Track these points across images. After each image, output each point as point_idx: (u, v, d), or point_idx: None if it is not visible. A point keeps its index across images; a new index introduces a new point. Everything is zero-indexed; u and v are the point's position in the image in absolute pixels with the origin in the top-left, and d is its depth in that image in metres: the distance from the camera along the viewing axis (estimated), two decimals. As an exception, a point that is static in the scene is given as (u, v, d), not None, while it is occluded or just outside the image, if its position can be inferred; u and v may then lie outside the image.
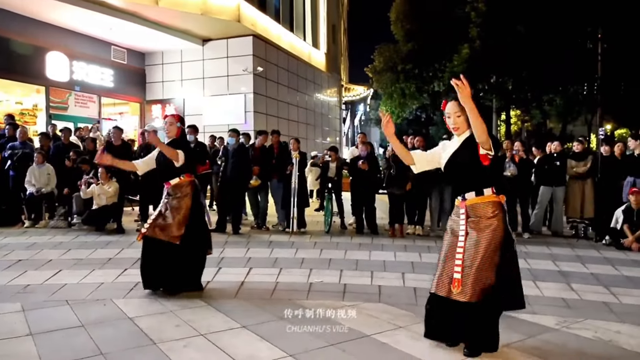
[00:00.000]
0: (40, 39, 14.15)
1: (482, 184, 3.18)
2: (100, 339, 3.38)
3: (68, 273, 5.32)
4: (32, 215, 8.65)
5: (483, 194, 3.16)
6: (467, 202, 3.20)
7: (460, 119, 3.19)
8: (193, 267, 4.65)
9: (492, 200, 3.15)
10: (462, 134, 3.24)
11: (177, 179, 4.61)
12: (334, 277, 5.28)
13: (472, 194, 3.18)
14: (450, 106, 3.23)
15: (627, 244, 7.22)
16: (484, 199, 3.16)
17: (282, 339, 3.45)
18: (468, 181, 3.22)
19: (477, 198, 3.17)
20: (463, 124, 3.20)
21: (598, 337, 3.60)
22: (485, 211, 3.15)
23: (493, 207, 3.14)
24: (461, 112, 3.15)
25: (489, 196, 3.16)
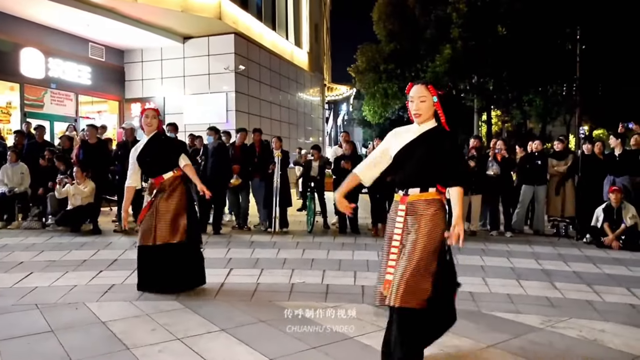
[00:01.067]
0: (15, 35, 13.76)
1: (430, 181, 2.87)
2: (70, 345, 3.22)
3: (39, 275, 5.11)
4: (5, 216, 8.37)
5: (427, 191, 2.87)
6: (409, 198, 2.88)
7: (424, 105, 2.85)
8: (198, 261, 4.65)
9: (435, 198, 2.87)
10: (423, 122, 2.91)
11: (171, 172, 4.54)
12: (317, 278, 5.18)
13: (416, 190, 2.88)
14: (415, 89, 2.89)
15: (607, 242, 7.25)
16: (427, 196, 2.86)
17: (262, 342, 3.33)
18: (416, 176, 2.89)
19: (420, 195, 2.87)
20: (426, 112, 2.86)
21: (583, 337, 3.56)
22: (426, 209, 2.84)
23: (435, 206, 2.85)
24: (426, 98, 2.85)
25: (432, 193, 2.87)
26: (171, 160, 4.58)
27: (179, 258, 4.45)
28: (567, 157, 8.58)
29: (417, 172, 2.88)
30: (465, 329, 3.56)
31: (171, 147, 4.69)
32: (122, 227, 5.88)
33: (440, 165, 2.85)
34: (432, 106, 2.87)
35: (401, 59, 24.15)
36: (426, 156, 2.85)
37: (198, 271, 4.63)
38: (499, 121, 32.59)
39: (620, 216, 7.33)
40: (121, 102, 18.07)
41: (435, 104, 2.87)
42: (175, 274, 4.44)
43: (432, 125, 2.91)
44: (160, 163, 4.54)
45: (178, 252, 4.44)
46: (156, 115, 4.62)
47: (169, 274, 4.42)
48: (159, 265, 4.41)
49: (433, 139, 2.86)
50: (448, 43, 21.85)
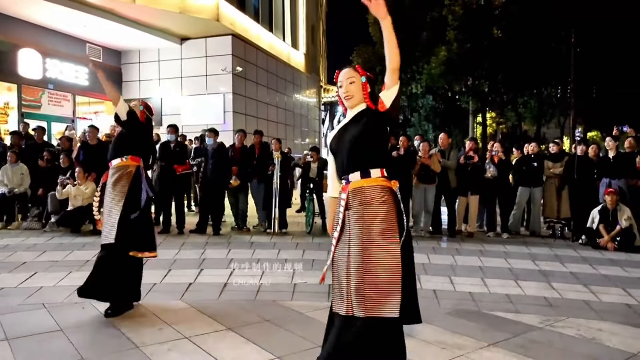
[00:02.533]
0: (12, 36, 13.76)
1: (369, 161, 2.58)
2: (80, 344, 3.28)
3: (43, 275, 5.15)
4: (4, 217, 8.38)
5: (370, 176, 2.56)
6: (350, 185, 2.58)
7: (353, 86, 2.66)
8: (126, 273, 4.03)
9: (382, 185, 2.55)
10: (355, 106, 2.70)
11: (120, 159, 4.08)
12: (318, 278, 5.22)
13: (356, 175, 2.58)
14: (344, 73, 2.72)
15: (602, 243, 7.36)
16: (371, 181, 2.55)
17: (268, 340, 3.39)
18: (353, 159, 2.59)
19: (362, 180, 2.56)
20: (357, 92, 2.66)
21: (581, 335, 3.64)
22: (371, 196, 2.53)
23: (382, 191, 2.54)
24: (355, 78, 2.67)
25: (377, 178, 2.56)
26: (122, 146, 4.14)
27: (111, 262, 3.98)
28: (563, 159, 8.70)
29: (351, 154, 2.60)
30: (466, 328, 3.65)
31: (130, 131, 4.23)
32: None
33: (375, 144, 2.62)
34: (360, 87, 2.67)
35: (397, 60, 24.27)
36: (357, 135, 2.60)
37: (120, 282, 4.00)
38: (493, 123, 32.81)
39: (615, 218, 7.43)
40: (118, 103, 18.06)
41: (363, 84, 2.67)
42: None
43: (364, 107, 2.69)
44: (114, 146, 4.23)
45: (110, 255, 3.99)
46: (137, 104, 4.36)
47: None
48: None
49: (364, 118, 2.64)
50: (443, 45, 22.05)
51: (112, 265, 3.95)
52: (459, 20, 21.74)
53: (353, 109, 2.70)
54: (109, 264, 3.97)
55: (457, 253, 6.78)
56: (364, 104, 2.69)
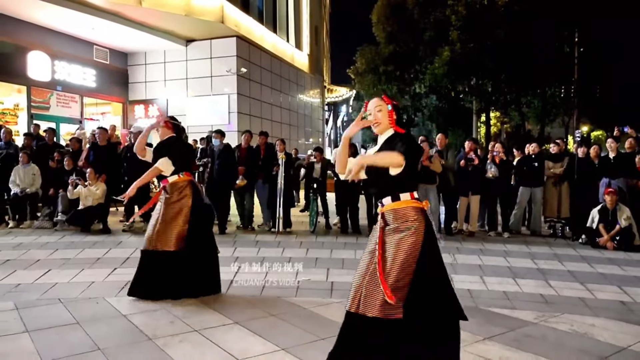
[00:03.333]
0: (22, 38, 14.00)
1: (398, 187, 2.86)
2: (96, 336, 3.46)
3: (57, 272, 5.35)
4: (17, 216, 8.60)
5: (399, 199, 2.85)
6: (384, 208, 2.89)
7: (380, 114, 2.94)
8: (205, 272, 4.52)
9: (410, 207, 2.83)
10: (383, 132, 2.97)
11: (176, 176, 4.49)
12: (321, 276, 5.41)
13: (388, 199, 2.88)
14: (372, 103, 3.01)
15: (602, 242, 7.48)
16: (400, 204, 2.84)
17: (274, 334, 3.57)
18: (382, 185, 2.90)
19: (393, 204, 2.86)
20: (384, 118, 2.93)
21: (574, 330, 3.80)
22: (405, 216, 2.81)
23: (414, 212, 2.81)
24: (382, 107, 2.94)
25: (406, 202, 2.84)
26: (177, 164, 4.48)
27: (171, 267, 4.32)
28: (563, 159, 8.83)
29: (381, 180, 2.89)
30: (462, 322, 3.79)
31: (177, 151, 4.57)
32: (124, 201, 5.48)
33: (404, 170, 2.80)
34: (387, 114, 2.96)
35: (400, 60, 24.38)
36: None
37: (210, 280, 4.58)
38: (497, 122, 32.86)
39: (615, 217, 7.55)
40: (125, 104, 18.32)
41: (389, 111, 2.96)
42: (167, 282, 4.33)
43: (391, 133, 2.96)
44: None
45: (171, 260, 4.33)
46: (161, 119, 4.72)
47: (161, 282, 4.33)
48: (154, 271, 4.35)
49: (392, 144, 2.86)
50: (447, 45, 22.09)
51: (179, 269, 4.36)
52: (462, 21, 21.79)
53: (382, 135, 2.98)
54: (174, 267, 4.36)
55: (457, 252, 6.93)
56: (391, 130, 2.96)
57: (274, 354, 3.25)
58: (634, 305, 4.51)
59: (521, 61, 21.43)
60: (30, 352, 3.18)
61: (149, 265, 4.37)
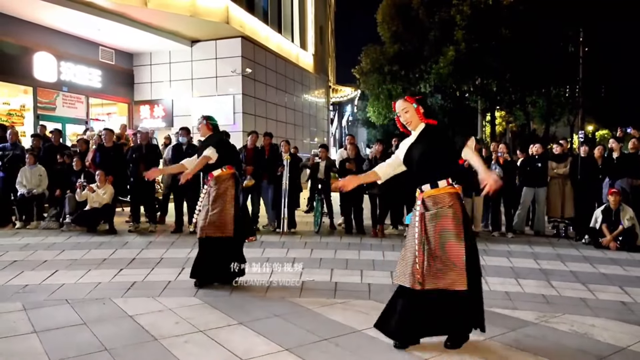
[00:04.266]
0: (28, 40, 14.11)
1: (436, 175, 3.26)
2: (103, 336, 3.53)
3: (64, 273, 5.43)
4: (24, 217, 8.70)
5: (438, 187, 3.25)
6: (423, 194, 3.28)
7: (408, 114, 3.33)
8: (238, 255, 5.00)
9: (448, 192, 3.24)
10: (416, 127, 3.37)
11: (220, 170, 4.92)
12: (325, 276, 5.47)
13: (427, 186, 3.27)
14: (397, 105, 3.38)
15: (605, 243, 7.50)
16: (439, 191, 3.24)
17: (277, 334, 3.62)
18: (422, 174, 3.31)
19: (432, 190, 3.25)
20: (413, 117, 3.33)
21: (574, 331, 3.83)
22: (442, 201, 3.22)
23: (449, 197, 3.22)
24: (408, 108, 3.32)
25: (444, 188, 3.24)
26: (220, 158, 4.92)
27: (222, 251, 4.84)
28: (566, 159, 8.84)
29: (421, 169, 3.30)
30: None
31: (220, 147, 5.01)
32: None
33: (440, 159, 3.26)
34: (414, 112, 3.32)
35: (405, 60, 24.42)
36: (424, 154, 3.27)
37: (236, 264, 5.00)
38: (503, 122, 32.82)
39: (618, 218, 7.57)
40: (130, 105, 18.41)
41: (415, 109, 3.33)
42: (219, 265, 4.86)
43: (423, 126, 3.35)
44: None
45: (222, 246, 4.84)
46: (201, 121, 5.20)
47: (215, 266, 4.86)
48: (209, 256, 4.85)
49: (426, 137, 3.30)
50: (452, 45, 22.11)
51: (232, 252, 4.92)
52: (467, 20, 21.80)
53: (415, 130, 3.36)
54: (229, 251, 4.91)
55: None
56: (423, 124, 3.33)
57: (278, 354, 3.31)
58: (634, 306, 4.54)
59: (526, 61, 21.41)
60: (39, 352, 3.26)
61: (206, 251, 4.88)
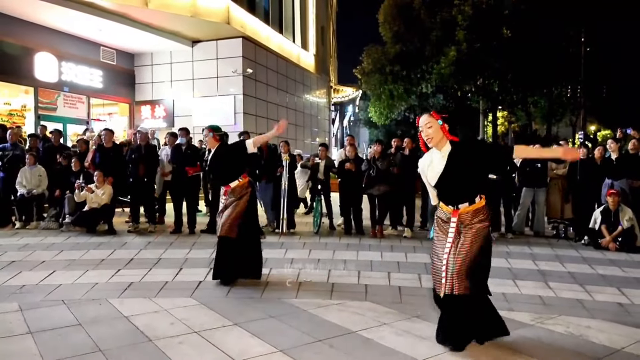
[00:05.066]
0: (29, 40, 14.16)
1: (475, 193, 3.35)
2: (98, 337, 3.54)
3: (62, 274, 5.44)
4: (23, 217, 8.72)
5: (475, 203, 3.34)
6: (460, 211, 3.35)
7: (431, 130, 3.31)
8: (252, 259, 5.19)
9: (481, 206, 3.35)
10: (442, 147, 3.35)
11: (237, 181, 5.08)
12: (323, 277, 5.46)
13: (465, 204, 3.34)
14: (422, 120, 3.38)
15: (604, 243, 7.48)
16: (475, 206, 3.33)
17: (272, 335, 3.62)
18: (462, 193, 3.35)
19: (469, 207, 3.33)
20: (435, 134, 3.31)
21: (569, 332, 3.82)
22: (474, 217, 3.33)
23: (482, 213, 3.34)
24: (431, 124, 3.31)
25: (479, 203, 3.35)
26: (234, 172, 5.11)
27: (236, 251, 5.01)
28: (566, 160, 8.80)
29: (461, 191, 3.35)
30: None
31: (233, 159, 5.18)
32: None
33: (477, 178, 3.36)
34: (438, 129, 3.31)
35: (407, 60, 24.38)
36: (463, 176, 3.31)
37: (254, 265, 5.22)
38: (505, 122, 32.75)
39: (617, 218, 7.54)
40: (131, 105, 18.46)
41: (441, 126, 3.33)
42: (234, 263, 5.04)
43: (450, 148, 3.34)
44: (225, 174, 5.16)
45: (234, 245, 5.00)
46: (207, 133, 5.21)
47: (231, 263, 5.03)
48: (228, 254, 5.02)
49: (459, 157, 3.31)
50: (453, 45, 22.06)
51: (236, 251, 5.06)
52: (469, 20, 21.76)
53: (441, 149, 3.35)
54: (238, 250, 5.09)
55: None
56: (447, 143, 3.34)
57: (272, 355, 3.31)
58: (631, 307, 4.52)
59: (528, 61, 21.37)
60: (33, 353, 3.26)
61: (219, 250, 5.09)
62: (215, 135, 5.22)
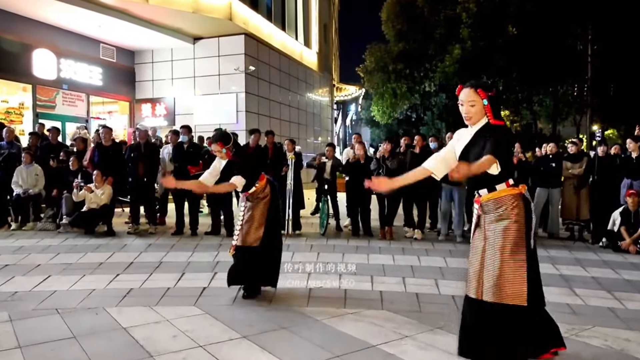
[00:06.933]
0: (27, 36, 13.83)
1: (494, 179, 2.89)
2: (93, 352, 3.22)
3: (57, 279, 5.12)
4: (19, 218, 8.41)
5: (495, 190, 2.90)
6: (481, 198, 2.97)
7: (473, 109, 2.89)
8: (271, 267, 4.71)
9: (506, 195, 2.88)
10: (475, 123, 2.95)
11: (253, 187, 4.61)
12: (334, 282, 5.14)
13: (484, 191, 2.94)
14: (465, 93, 2.92)
15: (624, 246, 7.18)
16: (497, 194, 2.89)
17: (285, 349, 3.31)
18: (478, 178, 2.89)
19: (489, 195, 2.92)
20: (477, 114, 2.91)
21: (609, 346, 3.51)
22: (497, 209, 2.89)
23: (512, 199, 2.86)
24: (475, 102, 2.88)
25: (502, 191, 2.88)
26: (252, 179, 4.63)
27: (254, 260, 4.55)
28: (582, 159, 8.50)
29: (477, 175, 2.83)
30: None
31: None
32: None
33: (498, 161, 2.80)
34: (482, 109, 2.89)
35: (410, 59, 24.09)
36: (480, 156, 2.79)
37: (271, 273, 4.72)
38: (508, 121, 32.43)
39: (637, 220, 7.25)
40: (132, 103, 18.13)
41: (485, 107, 2.89)
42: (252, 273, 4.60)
43: (483, 123, 2.93)
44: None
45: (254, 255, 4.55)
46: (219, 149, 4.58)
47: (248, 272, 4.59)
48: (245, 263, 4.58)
49: (484, 137, 2.86)
50: (457, 43, 21.79)
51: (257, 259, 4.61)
52: (473, 18, 21.47)
53: (474, 125, 2.96)
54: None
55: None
56: (484, 119, 2.92)
57: (285, 373, 2.99)
58: (668, 317, 4.21)
59: (533, 59, 21.07)
60: (22, 370, 2.95)
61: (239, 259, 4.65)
62: (229, 150, 4.57)
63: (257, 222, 4.59)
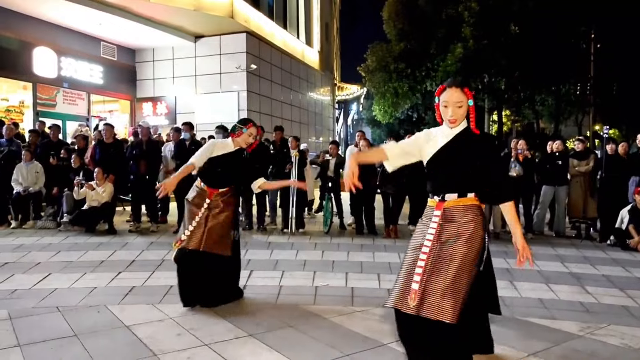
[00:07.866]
0: (27, 34, 13.73)
1: (468, 186, 2.68)
2: (95, 351, 3.11)
3: (58, 277, 5.01)
4: (19, 216, 8.30)
5: (465, 197, 2.67)
6: (445, 203, 2.68)
7: (461, 110, 2.64)
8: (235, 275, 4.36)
9: (474, 204, 2.68)
10: (456, 127, 2.71)
11: (227, 188, 4.26)
12: (340, 281, 5.04)
13: (454, 196, 2.68)
14: (450, 94, 2.64)
15: (633, 244, 7.07)
16: (466, 201, 2.67)
17: (293, 349, 3.20)
18: (454, 181, 2.69)
19: (458, 200, 2.67)
20: (462, 117, 2.67)
21: (626, 345, 3.40)
22: (464, 216, 2.64)
23: (473, 211, 2.65)
24: (463, 103, 2.63)
25: (471, 199, 2.67)
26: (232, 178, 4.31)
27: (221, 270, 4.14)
28: (589, 157, 8.39)
29: (454, 177, 2.68)
30: (503, 336, 3.42)
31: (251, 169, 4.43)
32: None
33: (477, 171, 2.65)
34: (467, 111, 2.68)
35: (411, 58, 23.97)
36: (463, 161, 2.66)
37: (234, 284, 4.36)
38: (508, 121, 32.33)
39: (646, 218, 7.15)
40: (132, 102, 18.03)
41: (470, 107, 2.67)
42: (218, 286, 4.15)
43: (462, 127, 2.71)
44: (223, 177, 4.28)
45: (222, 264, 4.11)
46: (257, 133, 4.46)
47: (212, 286, 4.11)
48: (202, 274, 4.06)
49: (467, 142, 2.68)
50: (459, 42, 21.65)
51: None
52: (475, 17, 21.33)
53: (454, 128, 2.71)
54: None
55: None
56: (463, 123, 2.71)
57: (294, 372, 2.89)
58: (685, 316, 4.10)
59: (535, 58, 20.94)
60: (21, 369, 2.85)
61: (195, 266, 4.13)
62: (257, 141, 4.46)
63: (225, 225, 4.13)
